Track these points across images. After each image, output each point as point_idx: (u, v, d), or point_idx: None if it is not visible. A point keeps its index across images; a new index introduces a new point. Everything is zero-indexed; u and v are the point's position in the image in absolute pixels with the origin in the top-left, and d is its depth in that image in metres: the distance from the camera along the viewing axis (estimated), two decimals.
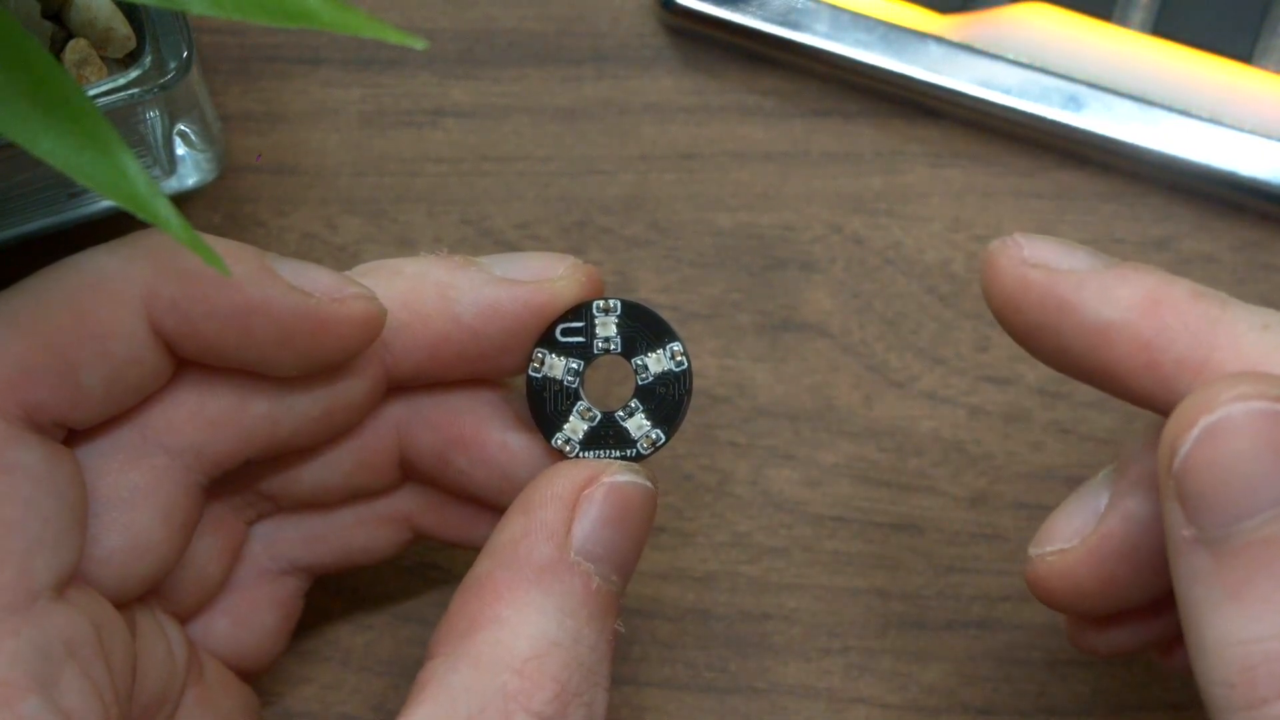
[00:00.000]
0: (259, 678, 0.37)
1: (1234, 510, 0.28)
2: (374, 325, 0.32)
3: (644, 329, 0.33)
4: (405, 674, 0.40)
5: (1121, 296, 0.30)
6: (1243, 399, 0.28)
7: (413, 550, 0.37)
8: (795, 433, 0.41)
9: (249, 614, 0.35)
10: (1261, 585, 0.28)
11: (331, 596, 0.40)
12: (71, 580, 0.30)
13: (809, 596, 0.40)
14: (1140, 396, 0.31)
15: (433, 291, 0.33)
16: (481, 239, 0.41)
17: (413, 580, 0.40)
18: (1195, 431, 0.29)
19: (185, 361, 0.32)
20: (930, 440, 0.40)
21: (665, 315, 0.33)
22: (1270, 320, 0.30)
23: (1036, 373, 0.41)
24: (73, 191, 0.37)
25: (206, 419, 0.32)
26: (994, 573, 0.40)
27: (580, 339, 0.33)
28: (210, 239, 0.30)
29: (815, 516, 0.40)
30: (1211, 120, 0.40)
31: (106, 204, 0.38)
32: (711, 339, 0.41)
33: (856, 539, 0.40)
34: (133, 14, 0.34)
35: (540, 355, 0.33)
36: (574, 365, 0.33)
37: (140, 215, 0.26)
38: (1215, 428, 0.29)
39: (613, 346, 0.34)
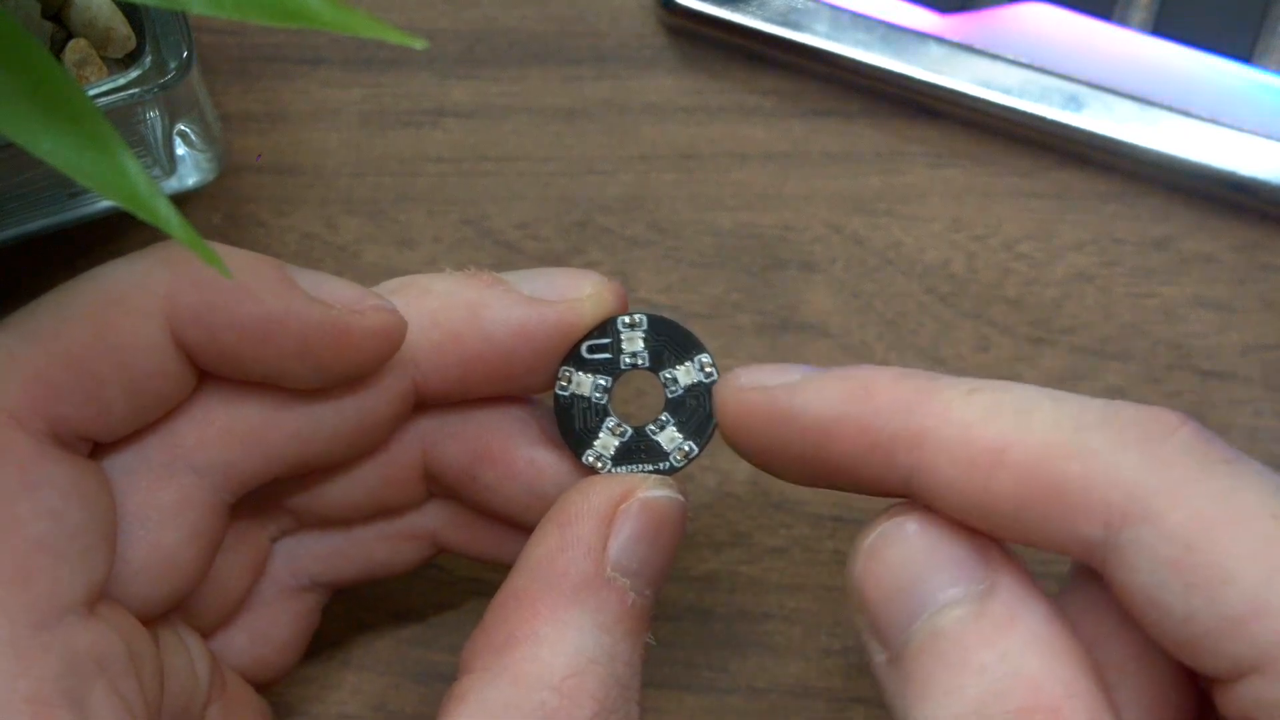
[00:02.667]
0: (272, 688, 0.37)
1: (901, 620, 0.30)
2: (394, 337, 0.32)
3: (670, 342, 0.33)
4: (405, 674, 0.40)
5: (832, 392, 0.31)
6: (885, 519, 0.31)
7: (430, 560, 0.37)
8: None
9: (268, 629, 0.35)
10: (938, 676, 0.29)
11: (332, 596, 0.40)
12: (100, 596, 0.30)
13: (809, 596, 0.40)
14: (874, 484, 0.31)
15: (463, 310, 0.33)
16: (481, 239, 0.41)
17: (413, 580, 0.40)
18: (857, 563, 0.31)
19: (206, 374, 0.32)
20: None
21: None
22: (977, 385, 0.30)
23: (1036, 373, 0.41)
24: (73, 191, 0.37)
25: (236, 437, 0.32)
26: None
27: (607, 355, 0.33)
28: (229, 250, 0.30)
29: (815, 516, 0.40)
30: (1211, 120, 0.40)
31: (106, 204, 0.38)
32: (711, 339, 0.41)
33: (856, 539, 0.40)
34: (133, 14, 0.34)
35: (567, 373, 0.33)
36: (602, 382, 0.33)
37: (140, 215, 0.26)
38: (868, 552, 0.31)
39: (640, 361, 0.33)
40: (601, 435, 0.33)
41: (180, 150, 0.38)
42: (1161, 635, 0.29)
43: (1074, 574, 0.32)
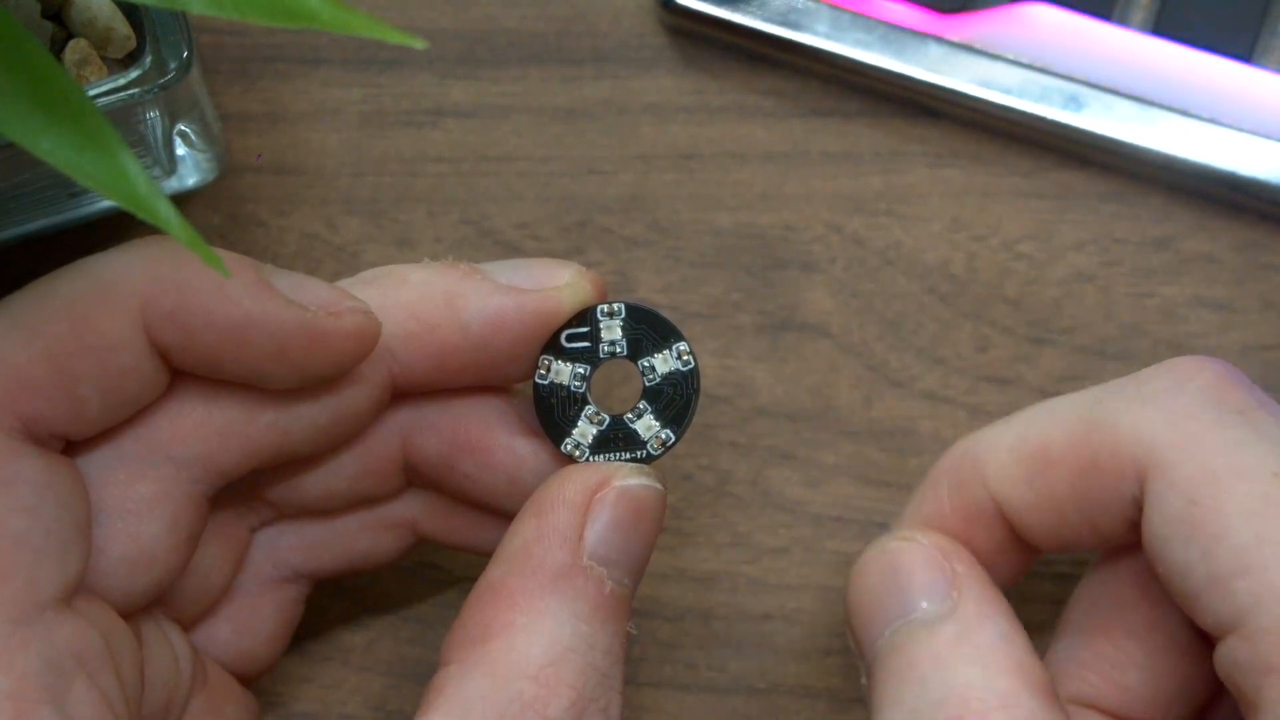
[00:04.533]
0: (258, 681, 0.37)
1: (871, 636, 0.32)
2: (369, 339, 0.32)
3: (649, 330, 0.33)
4: (405, 674, 0.40)
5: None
6: (876, 544, 0.33)
7: (413, 551, 0.37)
8: (795, 433, 0.41)
9: (251, 621, 0.35)
10: (887, 687, 0.31)
11: (331, 596, 0.40)
12: (77, 590, 0.30)
13: (809, 596, 0.40)
14: (979, 536, 0.34)
15: (440, 300, 0.33)
16: (481, 239, 0.41)
17: (413, 580, 0.40)
18: (848, 585, 0.33)
19: (180, 373, 0.32)
20: (930, 440, 0.40)
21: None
22: (1016, 414, 0.34)
23: (1036, 373, 0.41)
24: (73, 191, 0.37)
25: (213, 429, 0.32)
26: None
27: (586, 344, 0.33)
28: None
29: (815, 516, 0.40)
30: (1211, 120, 0.40)
31: (106, 204, 0.38)
32: (711, 339, 0.41)
33: (856, 539, 0.40)
34: (133, 14, 0.34)
35: (546, 362, 0.33)
36: (580, 370, 0.33)
37: (140, 215, 0.26)
38: (854, 574, 0.33)
39: (619, 350, 0.34)
40: (580, 424, 0.33)
41: (180, 150, 0.38)
42: (1170, 588, 0.30)
43: (1106, 551, 0.34)
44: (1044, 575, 0.40)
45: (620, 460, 0.33)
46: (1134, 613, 0.33)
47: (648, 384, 0.33)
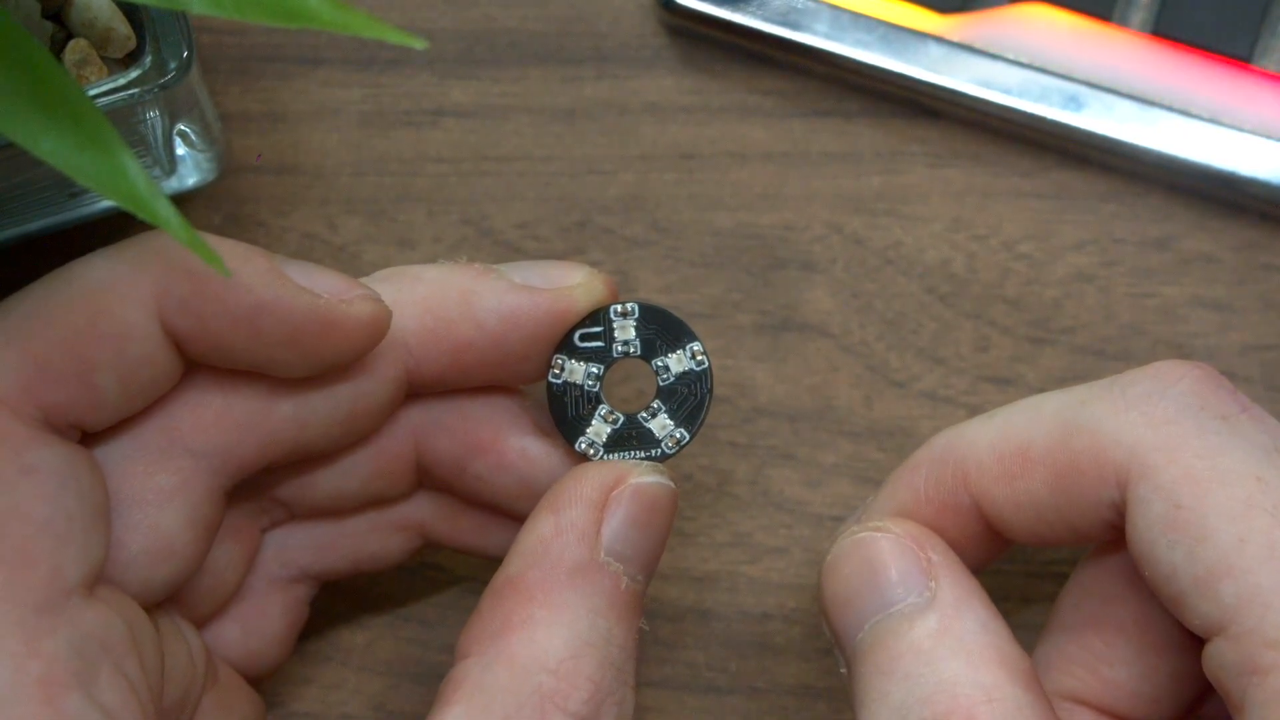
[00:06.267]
0: (263, 681, 0.37)
1: (851, 630, 0.32)
2: (380, 326, 0.32)
3: (662, 330, 0.34)
4: (405, 674, 0.40)
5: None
6: (843, 535, 0.33)
7: (419, 553, 0.37)
8: (795, 433, 0.41)
9: (259, 621, 0.35)
10: (871, 681, 0.31)
11: (332, 596, 0.40)
12: (99, 579, 0.30)
13: (809, 596, 0.40)
14: (960, 533, 0.34)
15: (455, 297, 0.33)
16: (481, 239, 0.41)
17: (413, 580, 0.40)
18: (820, 579, 0.33)
19: (197, 365, 0.32)
20: None
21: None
22: (998, 409, 0.34)
23: (1036, 373, 0.41)
24: (73, 191, 0.37)
25: (231, 421, 0.32)
26: (993, 572, 0.40)
27: (599, 343, 0.34)
28: (217, 241, 0.30)
29: (815, 516, 0.40)
30: (1211, 120, 0.40)
31: (106, 204, 0.38)
32: (711, 339, 0.41)
33: None
34: (133, 14, 0.34)
35: (560, 361, 0.34)
36: (594, 370, 0.34)
37: (140, 215, 0.26)
38: (827, 567, 0.33)
39: (632, 349, 0.34)
40: (594, 422, 0.34)
41: (180, 150, 0.38)
42: (1157, 590, 0.30)
43: (1095, 548, 0.34)
44: (1044, 575, 0.40)
45: (635, 459, 0.33)
46: (1123, 608, 0.33)
47: (662, 383, 0.34)
